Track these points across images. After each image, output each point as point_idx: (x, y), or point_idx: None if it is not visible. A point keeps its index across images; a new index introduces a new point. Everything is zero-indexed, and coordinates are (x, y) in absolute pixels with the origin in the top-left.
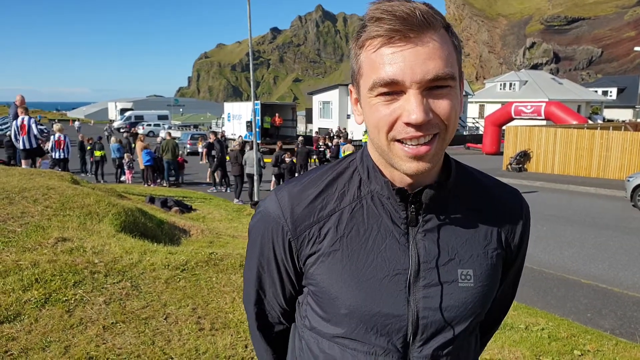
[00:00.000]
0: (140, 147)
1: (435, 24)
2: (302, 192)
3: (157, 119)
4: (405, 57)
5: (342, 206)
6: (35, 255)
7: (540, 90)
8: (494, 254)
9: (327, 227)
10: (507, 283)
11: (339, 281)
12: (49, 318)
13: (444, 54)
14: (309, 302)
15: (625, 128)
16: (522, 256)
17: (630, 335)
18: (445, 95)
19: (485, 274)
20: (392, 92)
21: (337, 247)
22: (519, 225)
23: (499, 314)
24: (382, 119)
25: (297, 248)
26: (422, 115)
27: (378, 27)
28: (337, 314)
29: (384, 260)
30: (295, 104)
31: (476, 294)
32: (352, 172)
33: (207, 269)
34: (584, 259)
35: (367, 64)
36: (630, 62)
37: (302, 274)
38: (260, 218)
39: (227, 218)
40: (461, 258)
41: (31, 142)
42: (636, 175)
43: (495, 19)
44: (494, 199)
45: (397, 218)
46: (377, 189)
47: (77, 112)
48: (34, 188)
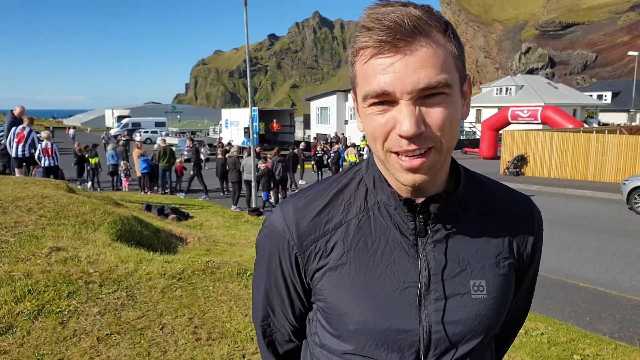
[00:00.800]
0: (137, 155)
1: (428, 30)
2: (307, 206)
3: (154, 125)
4: (395, 68)
5: (348, 218)
6: (29, 266)
7: (536, 94)
8: (506, 263)
9: (334, 240)
10: (522, 294)
11: (347, 296)
12: (42, 330)
13: (438, 61)
14: (318, 319)
15: (621, 132)
16: (536, 265)
17: (629, 339)
18: (439, 104)
19: (498, 284)
20: (385, 102)
21: (344, 260)
22: (532, 234)
23: (513, 327)
24: (377, 129)
25: (304, 263)
26: (414, 128)
27: (367, 37)
28: (346, 330)
29: (393, 273)
30: (293, 110)
31: (490, 305)
32: (357, 182)
33: (204, 277)
34: (582, 263)
35: (360, 74)
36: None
37: (310, 289)
38: (266, 233)
39: (225, 225)
40: (472, 269)
41: (24, 151)
42: (632, 179)
43: (490, 24)
44: (504, 207)
45: (405, 229)
46: (383, 199)
47: (74, 119)
48: (28, 197)
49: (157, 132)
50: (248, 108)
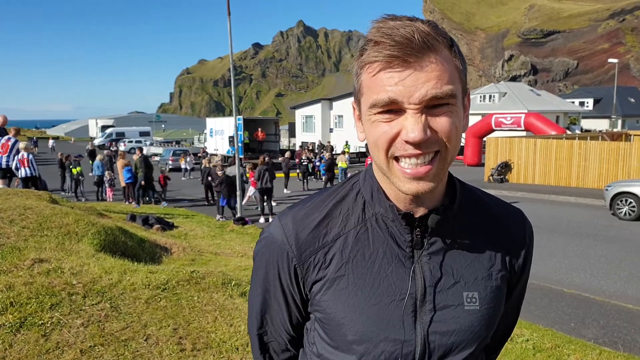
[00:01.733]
0: (121, 165)
1: (436, 46)
2: (306, 217)
3: (138, 135)
4: (405, 82)
5: (346, 230)
6: (11, 278)
7: (519, 101)
8: (498, 275)
9: (333, 252)
10: (511, 304)
11: (345, 307)
12: (24, 343)
13: (445, 75)
14: (316, 329)
15: (603, 138)
16: (526, 277)
17: (613, 344)
18: (445, 113)
19: (490, 296)
20: (392, 111)
21: (342, 272)
22: (523, 246)
23: (502, 336)
24: (381, 136)
25: (302, 274)
26: (421, 134)
27: (377, 52)
28: (344, 341)
29: (390, 285)
30: (278, 119)
31: (482, 317)
32: (355, 194)
33: (189, 287)
34: (567, 269)
35: (367, 85)
36: (605, 73)
37: (308, 300)
38: (265, 244)
39: (210, 235)
40: (466, 281)
41: (8, 162)
42: (614, 185)
43: (473, 32)
44: (497, 220)
45: (402, 241)
46: (381, 212)
47: (57, 129)
48: (10, 208)
49: (142, 141)
50: (233, 117)
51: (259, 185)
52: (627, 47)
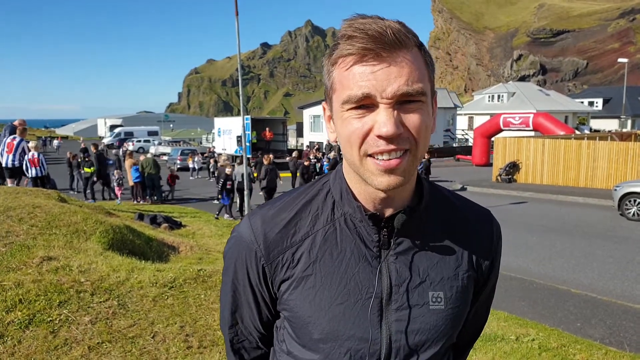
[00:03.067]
0: (129, 164)
1: (408, 43)
2: (275, 217)
3: (147, 135)
4: (377, 76)
5: (315, 229)
6: (20, 275)
7: (528, 101)
8: (464, 275)
9: (301, 251)
10: (480, 305)
11: (312, 306)
12: (33, 339)
13: (416, 72)
14: (285, 327)
15: (612, 138)
16: (495, 277)
17: (619, 344)
18: (416, 110)
19: (456, 296)
20: (364, 106)
21: (310, 271)
22: (490, 247)
23: (471, 336)
24: (354, 132)
25: (271, 273)
26: (393, 128)
27: (350, 46)
28: (311, 339)
29: (357, 284)
30: (286, 119)
31: (447, 316)
32: (325, 193)
33: (196, 285)
34: (574, 269)
35: (339, 81)
36: (615, 73)
37: (277, 298)
38: (234, 243)
39: (217, 234)
40: (432, 281)
41: (14, 161)
42: (623, 185)
43: (482, 32)
44: (465, 221)
45: (369, 241)
46: (349, 212)
47: (67, 129)
48: (19, 207)
49: (150, 141)
50: (241, 117)
51: (264, 184)
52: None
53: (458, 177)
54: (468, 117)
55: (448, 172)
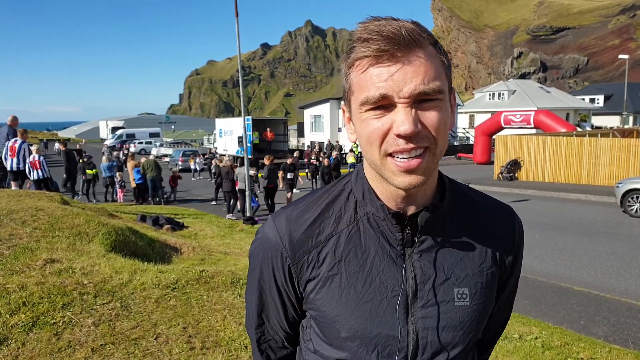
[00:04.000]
0: (131, 166)
1: (422, 42)
2: (299, 217)
3: (148, 136)
4: (394, 76)
5: (339, 229)
6: (23, 278)
7: (528, 99)
8: (488, 272)
9: (325, 251)
10: (503, 300)
11: (338, 305)
12: (37, 342)
13: (432, 70)
14: (311, 326)
15: (613, 135)
16: (517, 273)
17: (623, 342)
18: (434, 108)
19: (481, 292)
20: (382, 107)
21: (335, 271)
22: (513, 243)
23: (495, 333)
24: (373, 132)
25: (297, 273)
26: (412, 127)
27: (366, 48)
28: (338, 338)
29: (382, 282)
30: (287, 119)
31: (472, 312)
32: (347, 194)
33: (198, 287)
34: (577, 266)
35: (356, 83)
36: (616, 69)
37: (303, 298)
38: (259, 244)
39: (220, 235)
40: (457, 277)
41: (19, 164)
42: (625, 181)
43: (482, 30)
44: (487, 217)
45: (393, 240)
46: (372, 211)
47: (68, 131)
48: (22, 209)
49: (152, 142)
50: (242, 117)
51: (265, 184)
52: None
53: (460, 176)
54: (469, 115)
55: (450, 171)
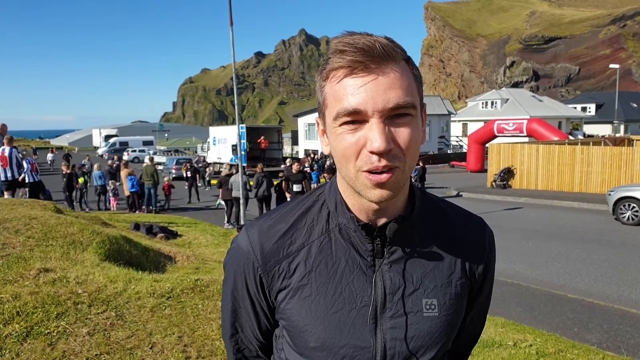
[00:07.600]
0: (125, 174)
1: (396, 56)
2: (272, 228)
3: (142, 144)
4: (367, 88)
5: (311, 240)
6: (17, 288)
7: (521, 107)
8: (458, 283)
9: (297, 261)
10: (476, 312)
11: (308, 315)
12: (31, 352)
13: (405, 84)
14: (283, 335)
15: (605, 143)
16: (490, 284)
17: (616, 349)
18: (406, 124)
19: (449, 303)
20: (356, 121)
21: (305, 281)
22: (484, 254)
23: (468, 344)
24: (348, 147)
25: (268, 283)
26: (384, 144)
27: (341, 59)
28: (307, 347)
29: (352, 293)
30: (281, 127)
31: (440, 323)
32: (321, 205)
33: (193, 295)
34: (570, 274)
35: (331, 95)
36: (607, 78)
37: (275, 308)
38: (232, 255)
39: (214, 243)
40: (425, 288)
41: (13, 173)
42: (617, 189)
43: (475, 39)
44: (458, 229)
45: (363, 251)
46: (344, 222)
47: (61, 139)
48: (15, 218)
49: (145, 150)
50: (236, 125)
51: (257, 192)
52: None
53: (453, 184)
54: (462, 123)
55: (443, 179)
